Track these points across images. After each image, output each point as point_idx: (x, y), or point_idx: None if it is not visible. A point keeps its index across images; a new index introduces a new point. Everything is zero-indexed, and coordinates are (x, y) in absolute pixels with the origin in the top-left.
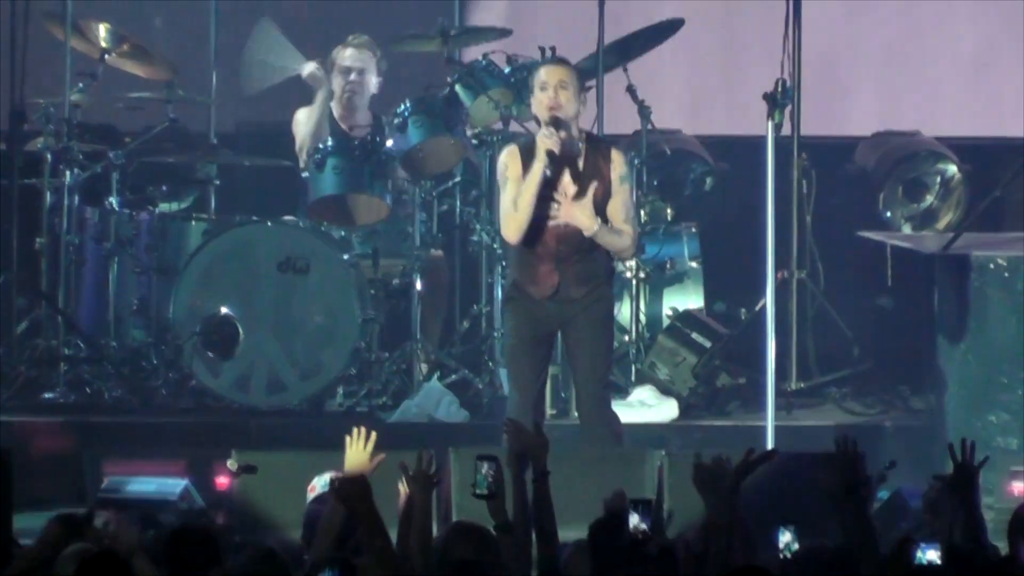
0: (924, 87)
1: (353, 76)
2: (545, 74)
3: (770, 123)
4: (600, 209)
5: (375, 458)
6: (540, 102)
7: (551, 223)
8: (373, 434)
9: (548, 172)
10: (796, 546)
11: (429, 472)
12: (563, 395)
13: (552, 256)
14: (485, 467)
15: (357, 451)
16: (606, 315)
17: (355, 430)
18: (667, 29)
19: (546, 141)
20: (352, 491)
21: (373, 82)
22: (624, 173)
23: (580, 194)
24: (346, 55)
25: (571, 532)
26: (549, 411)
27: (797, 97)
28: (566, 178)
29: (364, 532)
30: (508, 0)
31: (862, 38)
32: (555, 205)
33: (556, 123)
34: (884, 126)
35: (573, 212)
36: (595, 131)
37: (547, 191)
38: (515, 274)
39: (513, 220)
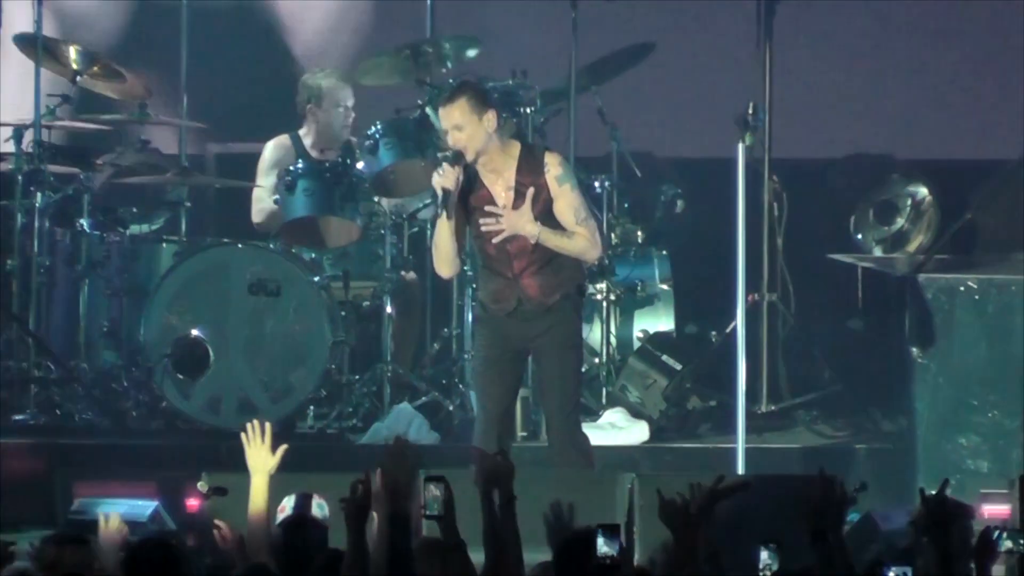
0: (895, 110)
1: (338, 112)
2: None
3: (741, 145)
4: (548, 216)
5: (278, 451)
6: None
7: (497, 240)
8: (268, 425)
9: (442, 210)
10: (775, 566)
11: (362, 496)
12: (533, 417)
13: (509, 271)
14: (433, 488)
15: (256, 448)
16: (570, 336)
17: (248, 427)
18: (639, 52)
19: (439, 180)
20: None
21: (345, 111)
22: (560, 174)
23: (517, 204)
24: (328, 86)
25: (540, 555)
26: (520, 433)
27: (768, 120)
28: (502, 191)
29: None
30: (481, 21)
31: (833, 61)
32: (495, 220)
33: (456, 158)
34: (855, 149)
35: (512, 222)
36: (569, 153)
37: (478, 211)
38: (480, 293)
39: (436, 258)
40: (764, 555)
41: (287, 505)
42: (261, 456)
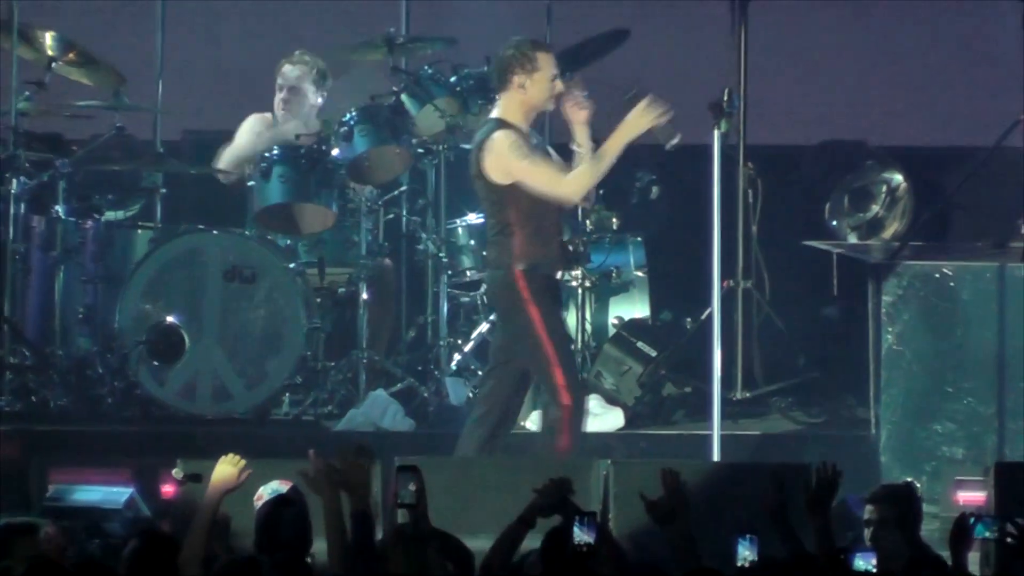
0: (870, 96)
1: (294, 95)
2: (544, 61)
3: (716, 132)
4: None
5: (243, 473)
6: (548, 90)
7: None
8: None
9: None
10: (754, 557)
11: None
12: None
13: (559, 230)
14: (406, 477)
15: (225, 464)
16: None
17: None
18: (614, 39)
19: (652, 114)
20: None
21: (311, 95)
22: None
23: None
24: (290, 69)
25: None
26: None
27: (744, 106)
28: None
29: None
30: (455, 9)
31: (808, 47)
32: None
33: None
34: (830, 135)
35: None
36: (544, 139)
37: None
38: (535, 258)
39: (590, 177)
40: (742, 545)
41: (264, 493)
42: (227, 472)
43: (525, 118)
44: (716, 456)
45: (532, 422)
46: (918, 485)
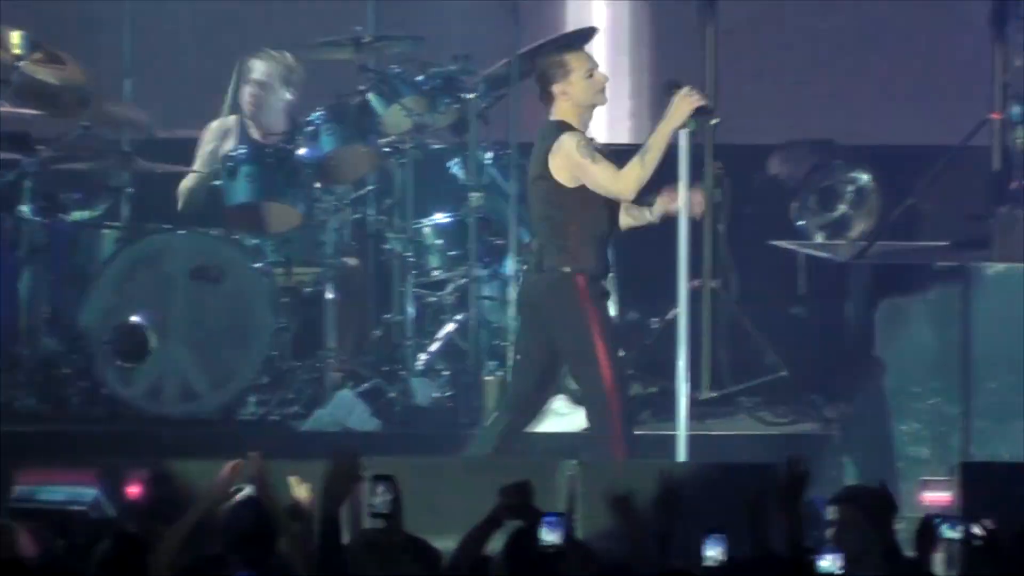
0: (837, 95)
1: (264, 92)
2: (576, 60)
3: (684, 131)
4: None
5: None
6: (587, 88)
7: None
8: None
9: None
10: (722, 556)
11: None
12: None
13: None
14: (381, 488)
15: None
16: None
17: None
18: (581, 37)
19: (693, 99)
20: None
21: (282, 94)
22: None
23: None
24: (258, 66)
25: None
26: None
27: (713, 103)
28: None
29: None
30: (421, 8)
31: (776, 46)
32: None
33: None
34: (797, 135)
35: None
36: (511, 138)
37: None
38: (592, 262)
39: (642, 170)
40: (710, 544)
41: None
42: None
43: (580, 121)
44: (682, 456)
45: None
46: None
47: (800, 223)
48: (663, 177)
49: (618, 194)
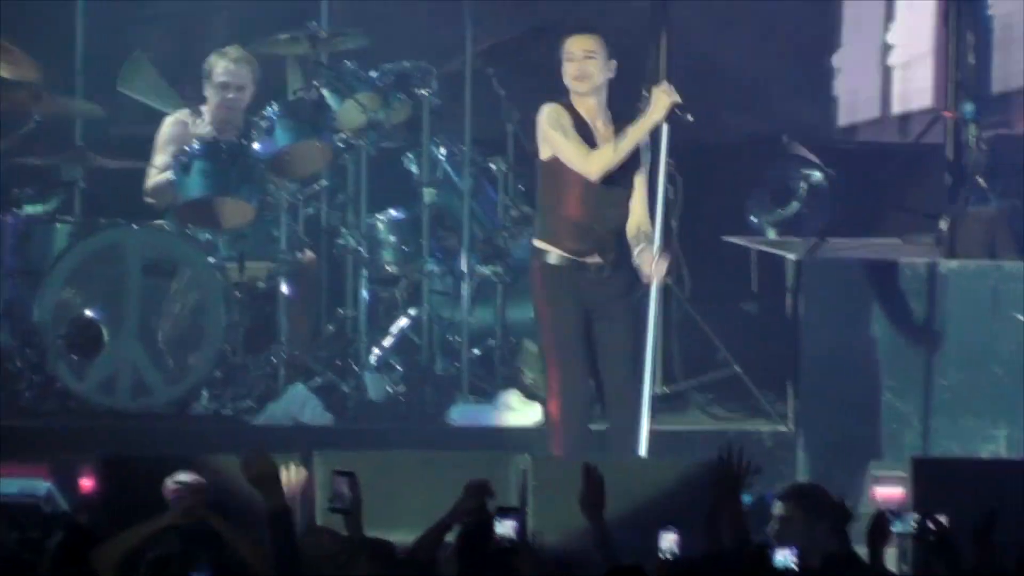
0: (791, 92)
1: (231, 93)
2: (570, 44)
3: (665, 126)
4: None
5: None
6: (566, 72)
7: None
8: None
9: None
10: (676, 549)
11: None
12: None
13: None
14: (341, 483)
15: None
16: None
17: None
18: (535, 36)
19: (672, 94)
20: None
21: (243, 93)
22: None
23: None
24: (225, 69)
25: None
26: None
27: None
28: (601, 128)
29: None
30: (375, 5)
31: (729, 44)
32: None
33: None
34: (751, 131)
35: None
36: (464, 134)
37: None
38: (554, 243)
39: (613, 155)
40: (664, 539)
41: (168, 484)
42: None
43: (577, 99)
44: (643, 451)
45: (456, 415)
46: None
47: (753, 220)
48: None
49: (584, 173)
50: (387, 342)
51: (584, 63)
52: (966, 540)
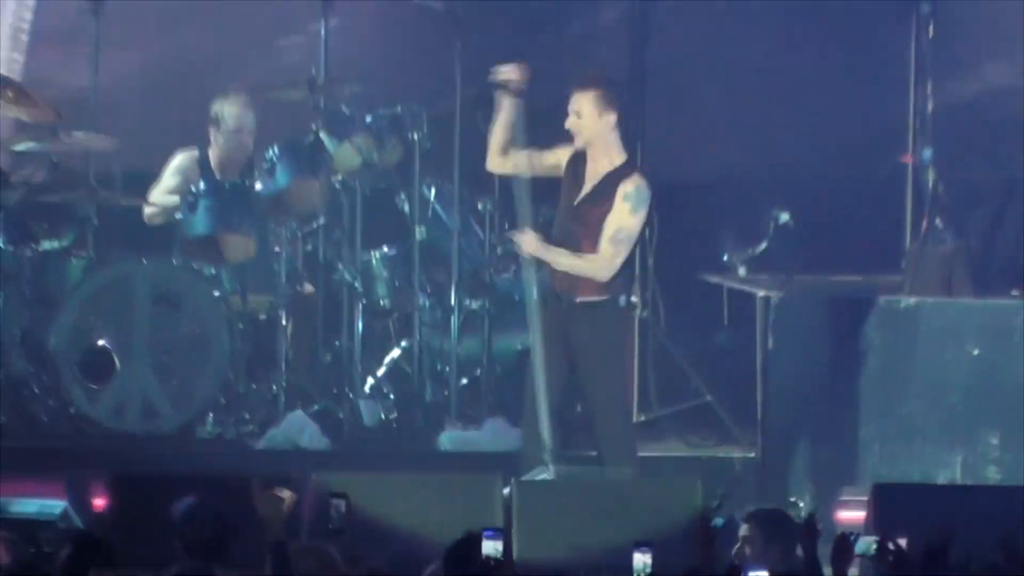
0: (762, 131)
1: (238, 137)
2: (571, 100)
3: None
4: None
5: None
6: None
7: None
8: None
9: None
10: (649, 569)
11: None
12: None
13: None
14: (336, 503)
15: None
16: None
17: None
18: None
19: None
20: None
21: (247, 137)
22: (630, 192)
23: (593, 198)
24: (233, 114)
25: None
26: None
27: (641, 143)
28: (589, 184)
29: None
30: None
31: (703, 84)
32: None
33: None
34: (723, 171)
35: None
36: (454, 174)
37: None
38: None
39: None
40: (637, 556)
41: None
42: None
43: (583, 142)
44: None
45: (446, 441)
46: (801, 505)
47: (724, 258)
48: None
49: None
50: (380, 371)
51: (573, 121)
52: (922, 560)
